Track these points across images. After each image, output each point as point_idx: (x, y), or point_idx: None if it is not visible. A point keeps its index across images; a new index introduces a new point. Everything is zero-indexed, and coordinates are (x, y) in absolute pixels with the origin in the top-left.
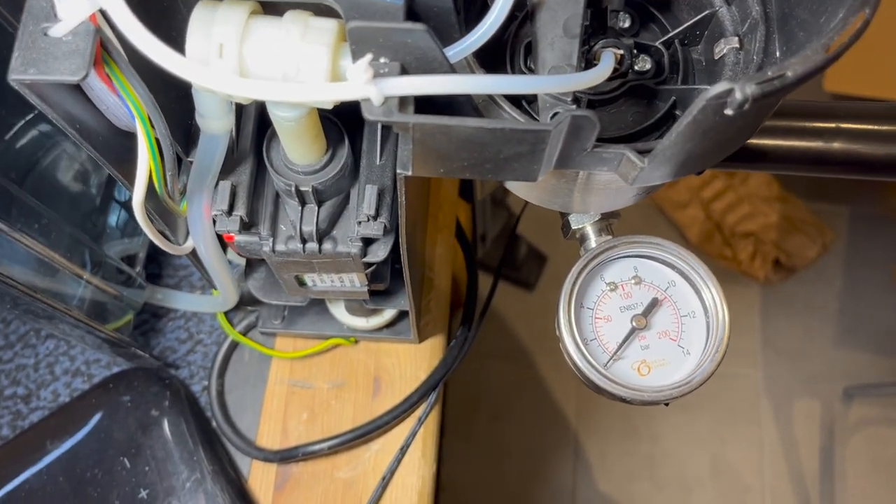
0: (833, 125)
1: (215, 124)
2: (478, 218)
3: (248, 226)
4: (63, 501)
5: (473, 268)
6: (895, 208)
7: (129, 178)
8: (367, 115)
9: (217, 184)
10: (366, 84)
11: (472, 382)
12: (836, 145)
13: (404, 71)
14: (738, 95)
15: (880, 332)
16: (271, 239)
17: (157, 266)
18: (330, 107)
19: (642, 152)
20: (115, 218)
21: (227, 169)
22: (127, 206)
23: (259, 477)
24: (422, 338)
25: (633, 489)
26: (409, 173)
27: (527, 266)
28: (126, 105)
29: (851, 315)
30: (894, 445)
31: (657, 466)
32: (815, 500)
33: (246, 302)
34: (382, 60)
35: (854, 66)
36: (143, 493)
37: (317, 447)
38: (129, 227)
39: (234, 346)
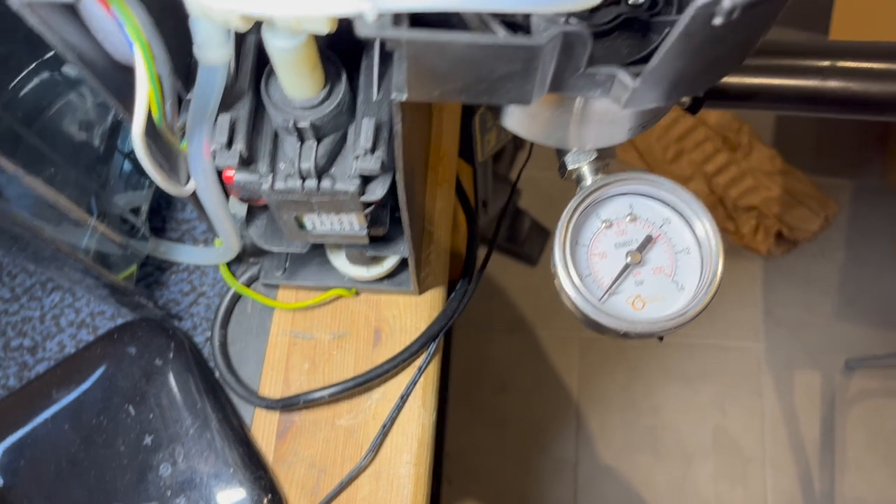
0: (829, 63)
1: (213, 54)
2: (479, 182)
3: (247, 162)
4: (70, 448)
5: (473, 223)
6: None
7: (129, 110)
8: (361, 31)
9: (216, 119)
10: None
11: (475, 356)
12: (832, 84)
13: None
14: (727, 2)
15: (881, 304)
16: (271, 176)
17: (160, 220)
18: (325, 31)
19: (635, 75)
20: (118, 170)
21: (225, 104)
22: (130, 157)
23: (262, 425)
24: (422, 290)
25: (635, 460)
26: (405, 97)
27: (530, 241)
28: (123, 29)
29: (853, 287)
30: (894, 417)
31: (658, 438)
32: (815, 471)
33: (248, 254)
34: None
35: (859, 15)
36: (148, 440)
37: (318, 395)
38: (133, 180)
39: (237, 298)
